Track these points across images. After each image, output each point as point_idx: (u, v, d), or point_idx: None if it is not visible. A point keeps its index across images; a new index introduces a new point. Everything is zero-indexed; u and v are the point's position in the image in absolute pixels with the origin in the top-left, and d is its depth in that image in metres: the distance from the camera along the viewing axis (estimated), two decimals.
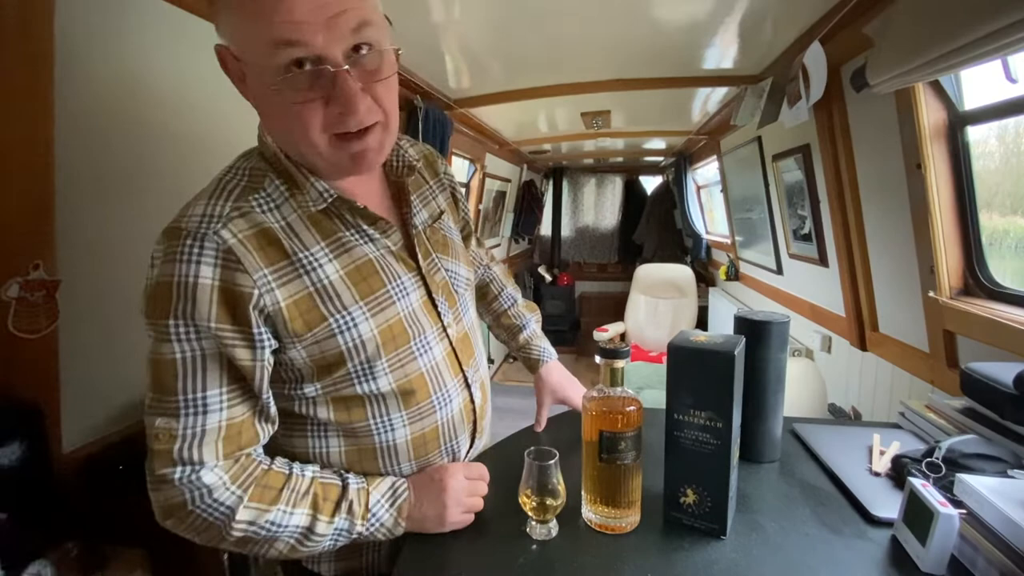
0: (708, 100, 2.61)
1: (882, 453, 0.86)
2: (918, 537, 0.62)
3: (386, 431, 0.70)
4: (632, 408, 0.68)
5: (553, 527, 0.70)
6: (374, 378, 0.67)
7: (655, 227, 5.35)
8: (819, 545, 0.66)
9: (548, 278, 5.68)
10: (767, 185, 2.63)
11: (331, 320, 0.63)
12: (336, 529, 0.65)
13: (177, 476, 0.58)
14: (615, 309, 4.45)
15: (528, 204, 5.37)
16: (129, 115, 1.17)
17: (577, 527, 0.71)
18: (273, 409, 0.65)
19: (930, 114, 1.30)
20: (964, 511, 0.62)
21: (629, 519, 0.70)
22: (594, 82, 2.23)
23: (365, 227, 0.68)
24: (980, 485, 0.62)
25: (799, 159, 2.11)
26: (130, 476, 1.18)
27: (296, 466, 0.67)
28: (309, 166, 0.64)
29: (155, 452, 0.59)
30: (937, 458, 0.77)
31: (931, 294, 1.38)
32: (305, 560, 0.75)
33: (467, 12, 1.52)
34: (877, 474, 0.81)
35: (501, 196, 4.45)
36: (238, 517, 0.60)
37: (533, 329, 1.06)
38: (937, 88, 1.29)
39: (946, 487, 0.68)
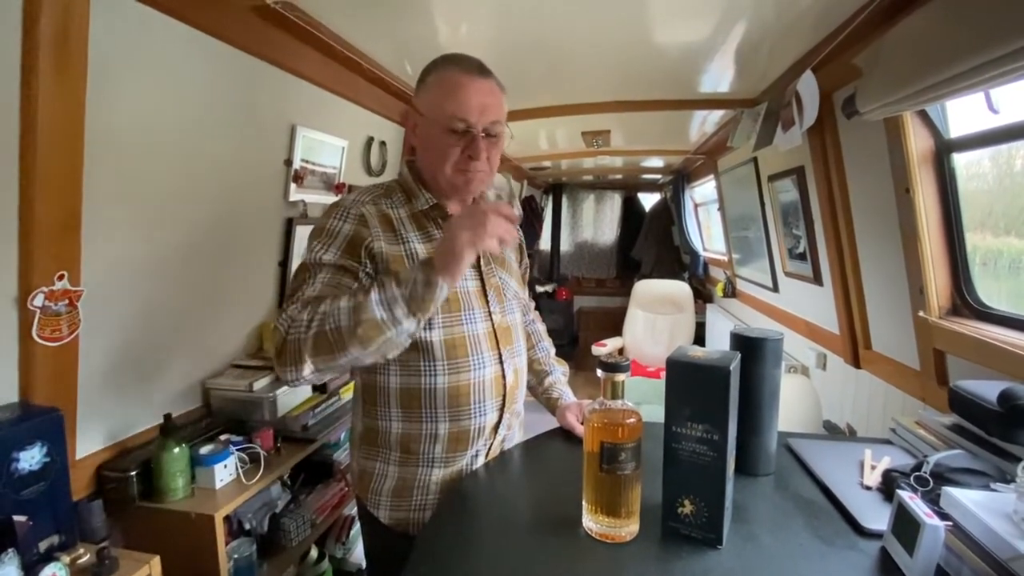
0: (705, 121, 2.67)
1: (873, 468, 0.89)
2: (906, 548, 0.65)
3: (431, 375, 0.91)
4: (632, 420, 0.71)
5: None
6: (430, 329, 0.90)
7: (653, 243, 5.40)
8: (812, 555, 0.69)
9: (547, 292, 5.71)
10: (763, 205, 2.68)
11: None
12: (377, 298, 0.77)
13: (281, 322, 0.81)
14: (613, 324, 4.46)
15: (528, 219, 5.43)
16: (156, 135, 1.21)
17: (577, 536, 0.73)
18: None
19: (917, 141, 1.35)
20: (950, 523, 0.64)
21: (629, 528, 0.73)
22: (595, 103, 2.28)
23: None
24: (965, 498, 0.65)
25: (794, 180, 2.16)
26: (140, 483, 1.20)
27: None
28: (430, 184, 0.96)
29: (282, 312, 0.83)
30: (925, 472, 0.79)
31: (921, 314, 1.42)
32: (369, 504, 0.96)
33: (473, 33, 1.57)
34: (868, 488, 0.84)
35: None
36: (304, 317, 0.79)
37: (558, 376, 1.21)
38: (924, 117, 1.34)
39: (933, 500, 0.70)
